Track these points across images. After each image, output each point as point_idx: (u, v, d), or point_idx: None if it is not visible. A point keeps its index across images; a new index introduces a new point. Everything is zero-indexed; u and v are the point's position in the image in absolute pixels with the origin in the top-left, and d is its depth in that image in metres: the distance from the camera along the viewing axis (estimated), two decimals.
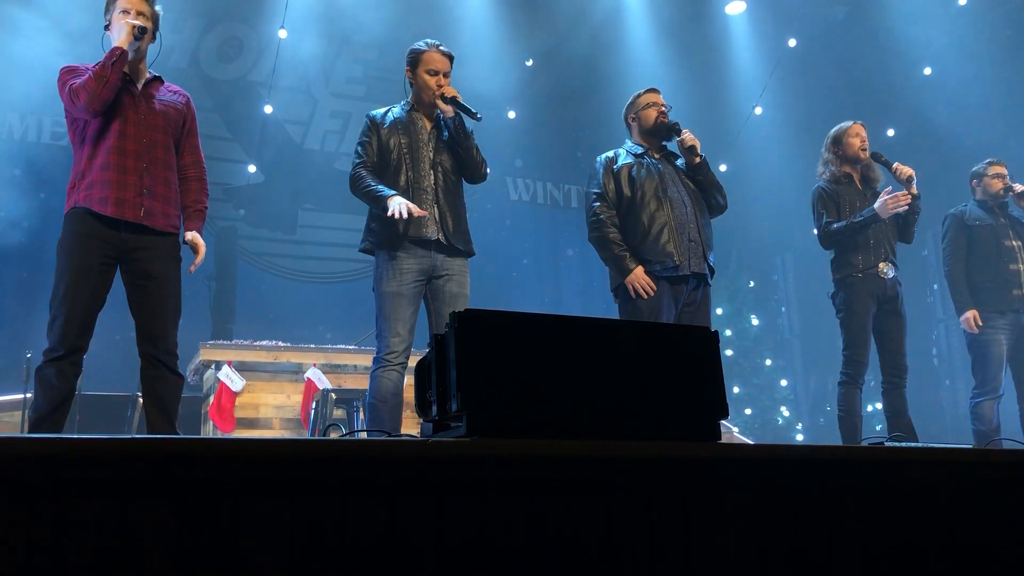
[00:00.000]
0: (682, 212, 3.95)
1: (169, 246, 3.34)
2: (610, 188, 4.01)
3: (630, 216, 3.97)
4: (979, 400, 4.86)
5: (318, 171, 9.71)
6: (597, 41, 9.78)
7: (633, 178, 3.99)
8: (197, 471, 1.41)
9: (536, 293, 10.55)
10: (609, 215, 3.99)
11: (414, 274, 3.57)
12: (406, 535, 1.51)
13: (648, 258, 3.89)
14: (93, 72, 3.16)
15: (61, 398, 3.07)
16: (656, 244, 3.88)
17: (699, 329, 2.02)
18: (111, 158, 3.20)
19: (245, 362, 6.06)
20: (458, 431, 1.72)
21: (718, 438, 1.93)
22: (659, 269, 3.88)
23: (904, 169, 4.52)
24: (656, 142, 4.15)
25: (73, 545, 1.32)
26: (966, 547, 2.03)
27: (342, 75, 9.79)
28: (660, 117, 4.11)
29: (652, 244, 3.89)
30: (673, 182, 4.02)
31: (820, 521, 1.89)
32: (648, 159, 4.07)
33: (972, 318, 4.89)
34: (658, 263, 3.87)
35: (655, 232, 3.89)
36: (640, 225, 3.93)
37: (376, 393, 3.49)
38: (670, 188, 3.99)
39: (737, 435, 7.85)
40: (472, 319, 1.75)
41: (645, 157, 4.07)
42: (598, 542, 1.66)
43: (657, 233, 3.89)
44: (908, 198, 4.38)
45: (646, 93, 4.22)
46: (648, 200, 3.93)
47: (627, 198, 3.98)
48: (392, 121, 3.75)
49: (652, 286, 3.86)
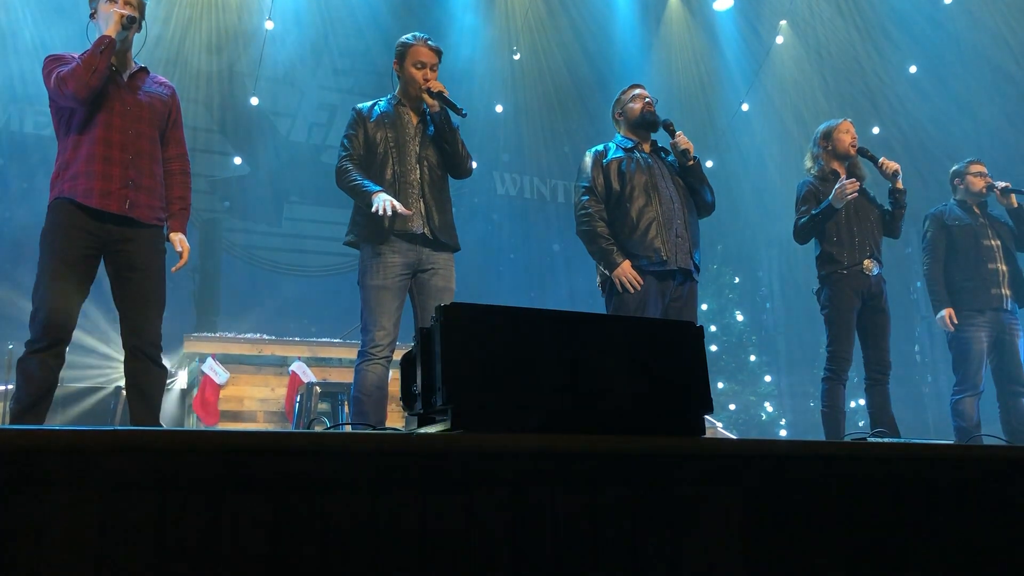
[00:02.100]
0: (670, 208, 3.96)
1: (153, 238, 3.31)
2: (599, 182, 4.02)
3: (619, 210, 3.98)
4: (960, 397, 4.90)
5: (304, 164, 9.66)
6: (585, 35, 9.78)
7: (623, 172, 4.00)
8: (180, 463, 1.41)
9: (522, 287, 10.54)
10: (597, 209, 3.99)
11: (399, 268, 3.57)
12: (390, 529, 1.51)
13: (635, 252, 3.91)
14: (81, 60, 3.13)
15: (43, 390, 3.05)
16: (644, 239, 3.90)
17: (684, 324, 2.03)
18: (96, 149, 3.17)
19: (229, 355, 6.04)
20: (443, 424, 1.73)
21: (702, 433, 1.94)
22: (646, 263, 3.89)
23: (889, 164, 4.55)
24: (645, 134, 4.16)
25: (54, 538, 1.31)
26: (948, 542, 2.05)
27: (328, 67, 9.74)
28: (646, 107, 4.12)
29: (640, 238, 3.90)
30: (662, 177, 4.04)
31: (803, 516, 1.90)
32: (639, 153, 4.08)
33: (948, 316, 4.94)
34: (645, 257, 3.89)
35: (643, 227, 3.91)
36: (628, 219, 3.94)
37: (361, 387, 3.48)
38: (659, 183, 4.00)
39: (721, 430, 7.88)
40: (457, 313, 1.75)
41: (635, 151, 4.08)
42: (584, 536, 1.66)
43: (645, 228, 3.90)
44: (856, 185, 4.40)
45: (631, 88, 4.24)
46: (637, 195, 3.95)
47: (616, 192, 3.99)
48: (379, 115, 3.74)
49: (639, 280, 3.88)
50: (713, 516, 1.80)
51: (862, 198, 4.64)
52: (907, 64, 9.33)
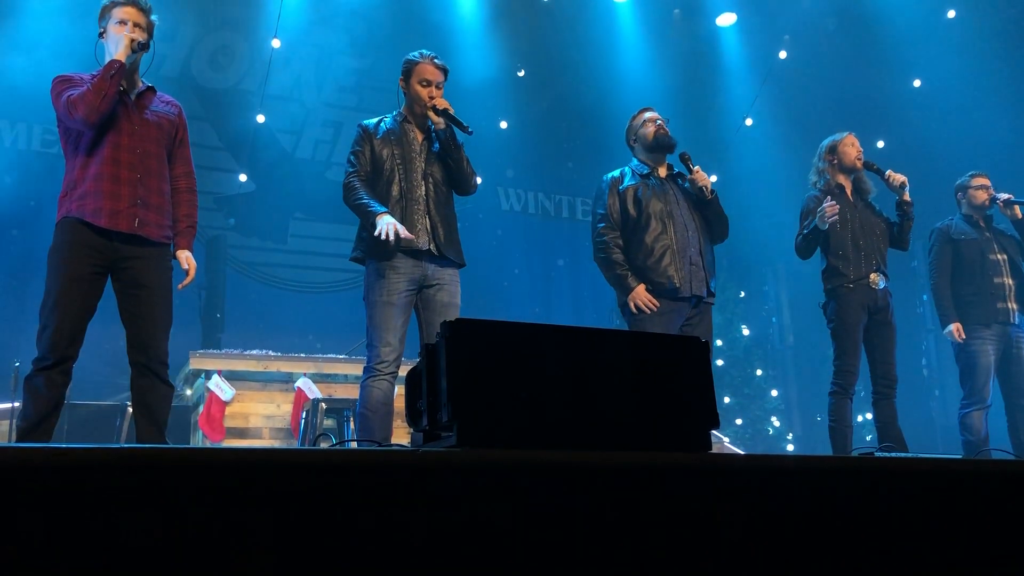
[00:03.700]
0: (684, 235, 4.01)
1: (161, 256, 3.33)
2: (615, 209, 4.08)
3: (635, 237, 4.04)
4: (968, 411, 4.88)
5: (309, 180, 9.69)
6: (588, 52, 9.82)
7: (639, 199, 4.05)
8: (187, 480, 1.41)
9: (527, 303, 10.54)
10: (612, 236, 4.06)
11: (405, 284, 3.57)
12: (396, 545, 1.51)
13: (651, 278, 3.95)
14: (92, 85, 3.13)
15: (50, 407, 3.06)
16: (658, 266, 3.96)
17: (689, 339, 2.03)
18: (105, 168, 3.18)
19: (235, 371, 6.04)
20: (449, 441, 1.72)
21: (709, 448, 1.93)
22: (660, 290, 3.93)
23: (896, 176, 4.56)
24: (660, 157, 4.19)
25: (60, 555, 1.31)
26: (957, 557, 2.04)
27: (334, 85, 9.79)
28: (659, 130, 4.15)
29: (655, 265, 3.97)
30: (677, 204, 4.08)
31: (810, 532, 1.89)
32: (654, 179, 4.12)
33: (956, 330, 4.94)
34: (659, 284, 3.93)
35: (657, 254, 3.97)
36: (643, 246, 4.00)
37: (366, 403, 3.48)
38: (674, 210, 4.05)
39: (728, 445, 7.85)
40: (463, 328, 1.75)
41: (651, 177, 4.12)
42: (589, 553, 1.66)
43: (659, 255, 3.96)
44: (836, 208, 4.40)
45: (640, 112, 4.28)
46: (652, 222, 4.00)
47: (632, 219, 4.05)
48: (385, 131, 3.75)
49: (654, 302, 3.92)
50: (719, 532, 1.79)
51: (868, 212, 4.65)
52: (911, 78, 9.34)
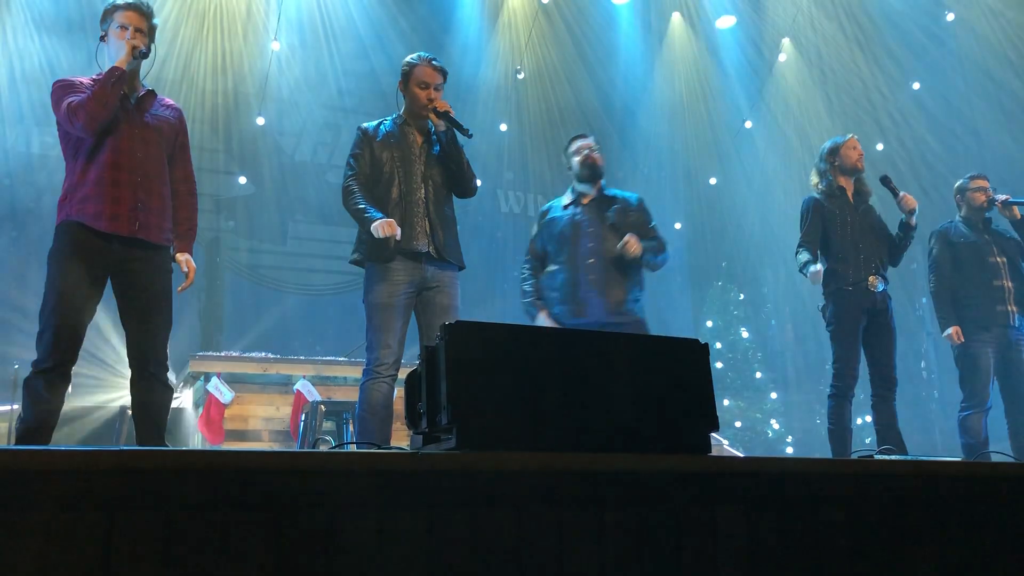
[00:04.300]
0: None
1: (161, 258, 3.32)
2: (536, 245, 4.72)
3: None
4: (967, 413, 4.88)
5: (309, 183, 9.70)
6: (587, 54, 9.83)
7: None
8: (186, 483, 1.41)
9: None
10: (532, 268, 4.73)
11: (404, 286, 3.57)
12: (396, 548, 1.51)
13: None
14: (93, 93, 3.12)
15: (50, 410, 3.05)
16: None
17: (689, 341, 2.03)
18: (105, 172, 3.18)
19: (234, 374, 6.04)
20: (448, 443, 1.72)
21: (708, 450, 1.93)
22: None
23: (910, 201, 4.56)
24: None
25: (61, 557, 1.31)
26: (956, 559, 2.04)
27: (334, 87, 9.80)
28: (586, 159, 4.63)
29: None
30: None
31: (810, 534, 1.89)
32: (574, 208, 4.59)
33: (955, 333, 4.93)
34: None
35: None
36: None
37: (366, 405, 3.48)
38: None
39: (727, 447, 7.85)
40: (462, 331, 1.75)
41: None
42: (589, 555, 1.66)
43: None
44: (820, 277, 4.45)
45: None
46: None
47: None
48: (384, 134, 3.75)
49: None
50: (718, 534, 1.79)
51: (868, 215, 4.65)
52: (910, 81, 9.35)
